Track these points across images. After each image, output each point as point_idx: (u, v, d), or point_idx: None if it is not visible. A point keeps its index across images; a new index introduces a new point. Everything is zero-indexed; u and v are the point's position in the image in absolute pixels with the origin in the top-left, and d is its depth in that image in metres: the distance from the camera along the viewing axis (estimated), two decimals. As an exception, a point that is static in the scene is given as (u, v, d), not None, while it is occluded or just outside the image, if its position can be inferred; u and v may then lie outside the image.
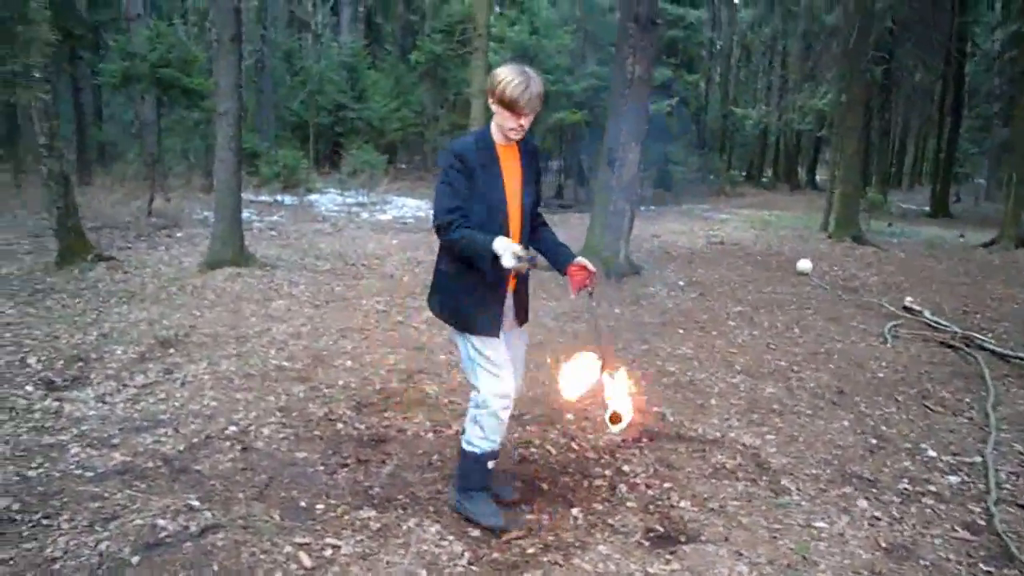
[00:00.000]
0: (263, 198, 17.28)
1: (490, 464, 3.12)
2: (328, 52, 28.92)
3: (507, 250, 2.73)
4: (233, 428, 3.99)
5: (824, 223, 16.58)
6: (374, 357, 5.38)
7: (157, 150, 14.68)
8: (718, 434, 4.24)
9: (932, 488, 3.71)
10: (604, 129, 8.95)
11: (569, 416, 4.42)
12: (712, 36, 32.88)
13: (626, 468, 3.75)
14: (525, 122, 2.90)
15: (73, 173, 18.66)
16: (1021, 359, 5.95)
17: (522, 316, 3.21)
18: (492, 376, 2.99)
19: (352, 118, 26.13)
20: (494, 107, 2.91)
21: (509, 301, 3.12)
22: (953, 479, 3.84)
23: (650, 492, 3.49)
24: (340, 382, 4.82)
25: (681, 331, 6.65)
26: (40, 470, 3.41)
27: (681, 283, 9.08)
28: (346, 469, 3.58)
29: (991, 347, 6.28)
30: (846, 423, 4.54)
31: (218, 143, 7.94)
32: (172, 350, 5.33)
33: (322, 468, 3.58)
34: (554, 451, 3.92)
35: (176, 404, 4.30)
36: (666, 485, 3.57)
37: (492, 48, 18.88)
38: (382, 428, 4.10)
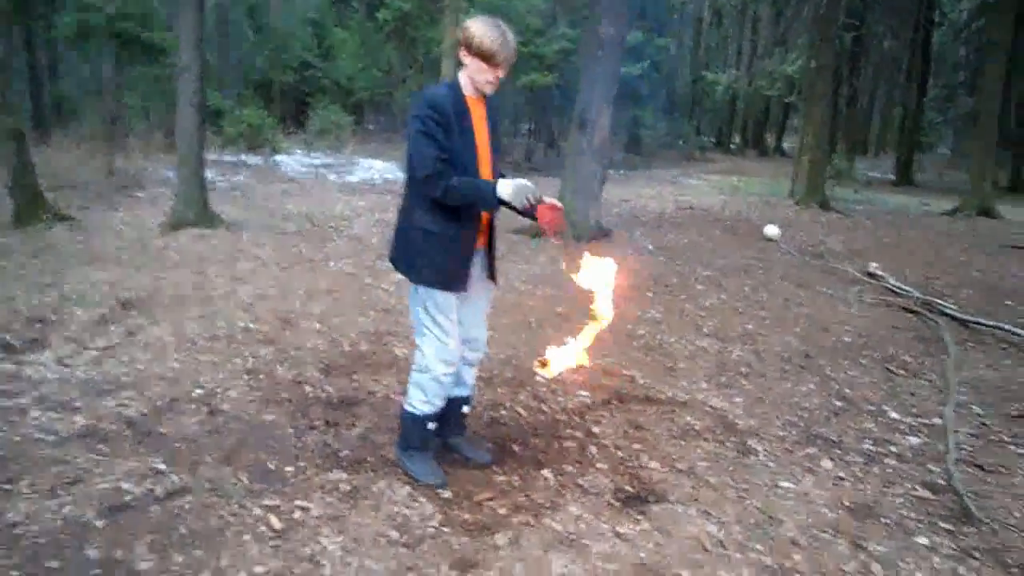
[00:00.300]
0: (227, 158, 16.91)
1: (430, 425, 3.12)
2: (293, 8, 28.18)
3: (520, 191, 2.72)
4: (199, 391, 3.92)
5: (791, 190, 16.72)
6: (342, 320, 5.32)
7: (116, 108, 14.21)
8: (687, 396, 4.28)
9: (894, 449, 3.79)
10: (575, 92, 8.86)
11: (538, 378, 4.42)
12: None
13: (596, 430, 3.77)
14: (501, 74, 2.84)
15: (29, 131, 18.10)
16: (980, 324, 6.08)
17: (492, 272, 3.17)
18: (439, 342, 2.96)
19: (318, 77, 25.62)
20: (468, 59, 2.83)
21: (479, 257, 3.08)
22: (914, 440, 3.92)
23: (620, 453, 3.52)
24: (308, 344, 4.76)
25: (650, 294, 6.68)
26: (-1, 434, 3.33)
27: (650, 247, 9.10)
28: (315, 431, 3.55)
29: (951, 312, 6.41)
30: (812, 386, 4.61)
31: (180, 99, 7.70)
32: (134, 312, 5.21)
33: (291, 431, 3.54)
34: (524, 413, 3.92)
35: (139, 367, 4.21)
36: (635, 447, 3.60)
37: (462, 10, 18.54)
38: (351, 391, 4.06)
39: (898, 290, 7.33)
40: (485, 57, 2.77)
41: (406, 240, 2.98)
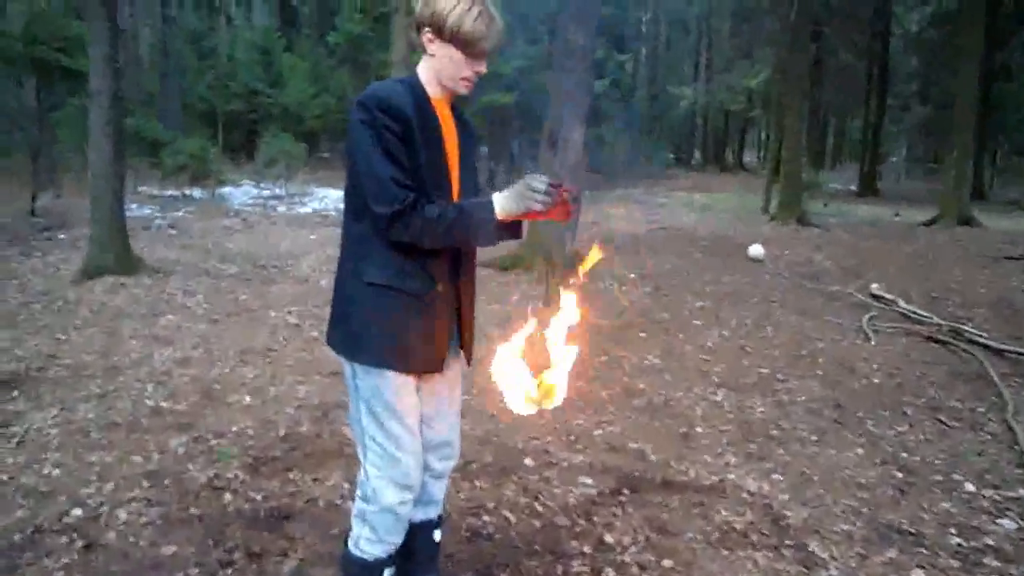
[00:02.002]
0: (169, 192, 15.80)
1: (386, 573, 2.13)
2: (240, 34, 27.16)
3: (526, 194, 1.86)
4: (77, 511, 2.92)
5: (765, 205, 16.14)
6: (280, 389, 4.35)
7: (39, 141, 13.02)
8: (715, 477, 3.40)
9: (989, 542, 2.95)
10: (537, 110, 8.06)
11: (528, 461, 3.51)
12: (640, 15, 32.34)
13: (609, 538, 2.86)
14: (482, 68, 1.96)
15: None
16: (1020, 354, 5.34)
17: (468, 346, 2.22)
18: (389, 457, 2.03)
19: (268, 104, 24.53)
20: (436, 48, 1.94)
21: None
22: (1007, 524, 3.09)
23: (647, 578, 2.61)
24: (234, 428, 3.78)
25: (643, 334, 5.82)
26: None
27: (631, 275, 8.28)
28: (231, 570, 2.58)
29: (983, 341, 5.66)
30: (860, 450, 3.77)
31: (91, 128, 6.67)
32: (16, 392, 4.17)
33: (196, 572, 2.56)
34: (513, 518, 3.00)
35: (3, 476, 3.19)
36: (666, 564, 2.69)
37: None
38: (285, 497, 3.10)
39: (912, 315, 6.59)
40: (465, 43, 1.89)
41: (347, 303, 2.02)
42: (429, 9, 1.91)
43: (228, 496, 3.09)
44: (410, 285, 1.95)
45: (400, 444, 2.02)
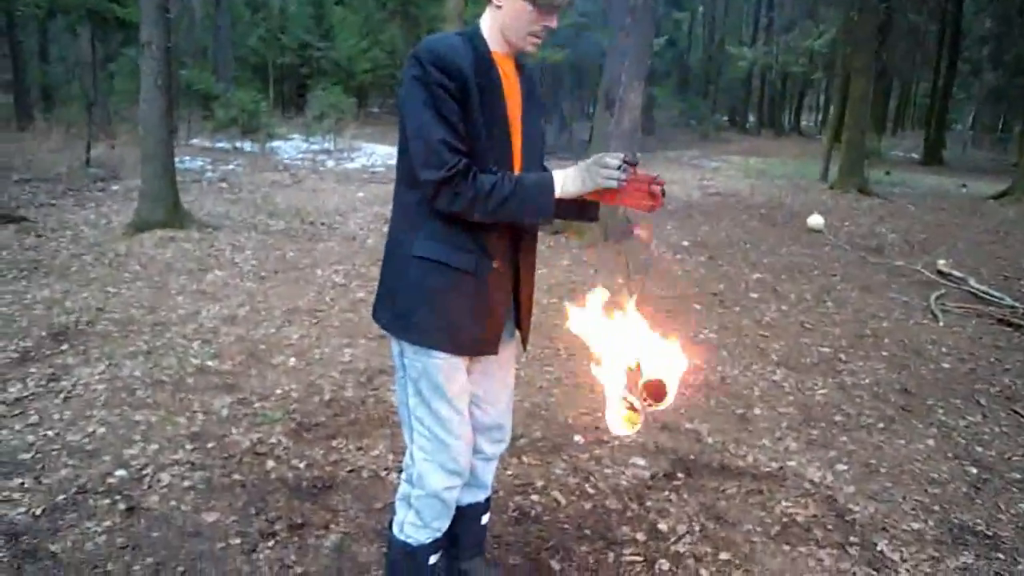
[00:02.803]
0: (220, 144, 15.89)
1: (432, 559, 2.01)
2: (292, -14, 26.99)
3: (601, 170, 1.69)
4: (120, 472, 2.89)
5: (824, 172, 15.56)
6: (325, 351, 4.28)
7: (95, 91, 13.13)
8: (774, 464, 3.23)
9: (1074, 548, 2.74)
10: (589, 70, 7.76)
11: (577, 438, 3.38)
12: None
13: (662, 526, 2.72)
14: (554, 23, 1.76)
15: (11, 118, 17.07)
16: (1103, 342, 5.00)
17: (528, 326, 2.05)
18: (437, 441, 1.90)
19: (318, 58, 24.47)
20: (505, 0, 1.74)
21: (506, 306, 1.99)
22: (1094, 530, 2.87)
23: (703, 571, 2.47)
24: (278, 390, 3.72)
25: (698, 307, 5.61)
26: None
27: (685, 243, 8.03)
28: (273, 542, 2.51)
29: (1063, 326, 5.32)
30: (930, 441, 3.54)
31: (143, 80, 6.62)
32: (65, 346, 4.17)
33: (238, 541, 2.50)
34: (563, 499, 2.87)
35: (49, 432, 3.18)
36: (723, 556, 2.55)
37: (467, -20, 17.35)
38: (328, 466, 3.02)
39: (984, 295, 6.24)
40: None
41: (396, 278, 1.86)
42: None
43: (271, 463, 3.03)
44: (464, 261, 1.80)
45: (449, 427, 1.89)
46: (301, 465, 3.02)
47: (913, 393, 4.13)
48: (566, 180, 1.73)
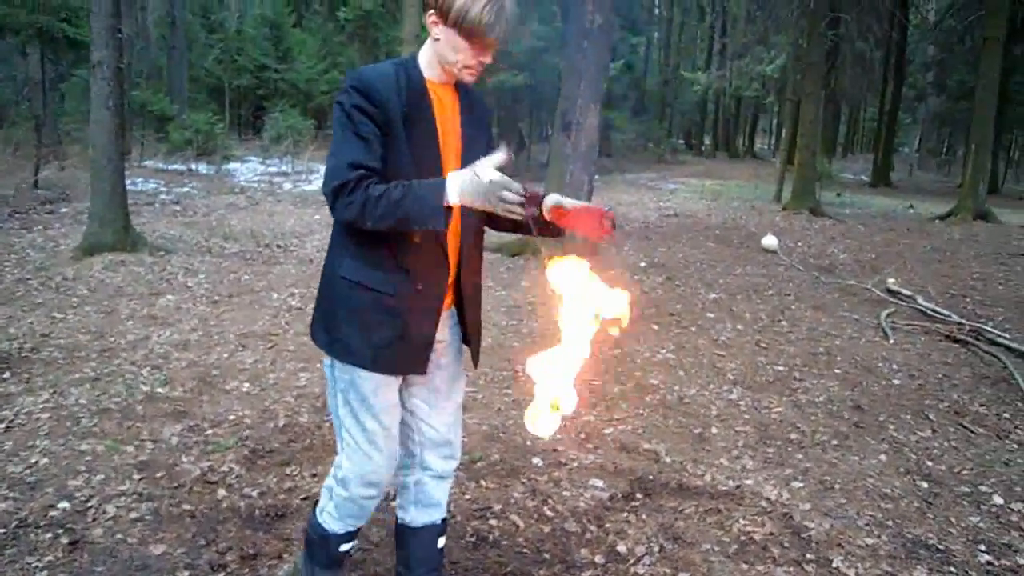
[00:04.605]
0: (175, 166, 15.66)
1: (343, 547, 2.12)
2: (249, 8, 26.84)
3: (487, 188, 1.66)
4: (64, 504, 2.78)
5: (777, 193, 15.91)
6: (280, 376, 4.20)
7: (44, 112, 12.85)
8: (732, 483, 3.25)
9: (1021, 560, 2.79)
10: (547, 92, 7.85)
11: (536, 460, 3.36)
12: (654, -3, 31.93)
13: (622, 547, 2.71)
14: (488, 58, 1.81)
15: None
16: (1045, 357, 5.16)
17: (477, 341, 2.11)
18: (362, 453, 1.97)
19: (276, 80, 24.30)
20: (440, 31, 1.78)
21: (449, 324, 2.04)
22: (1040, 542, 2.93)
23: (662, 593, 2.47)
24: (231, 417, 3.64)
25: (655, 327, 5.65)
26: None
27: (643, 264, 8.11)
28: (223, 573, 2.44)
29: (1006, 342, 5.48)
30: (883, 457, 3.60)
31: (93, 101, 6.49)
32: (7, 373, 4.03)
33: (186, 574, 2.42)
34: (521, 523, 2.85)
35: (-12, 464, 3.06)
36: (682, 577, 2.55)
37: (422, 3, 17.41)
38: (282, 494, 2.96)
39: (932, 312, 6.40)
40: (471, 32, 1.74)
41: (325, 297, 1.96)
42: None
43: (222, 491, 2.95)
44: (383, 283, 1.85)
45: (373, 441, 1.96)
46: (254, 493, 2.95)
47: (865, 410, 4.21)
48: (464, 189, 1.69)
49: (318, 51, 26.22)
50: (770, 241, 9.61)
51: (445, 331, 2.02)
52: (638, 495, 3.11)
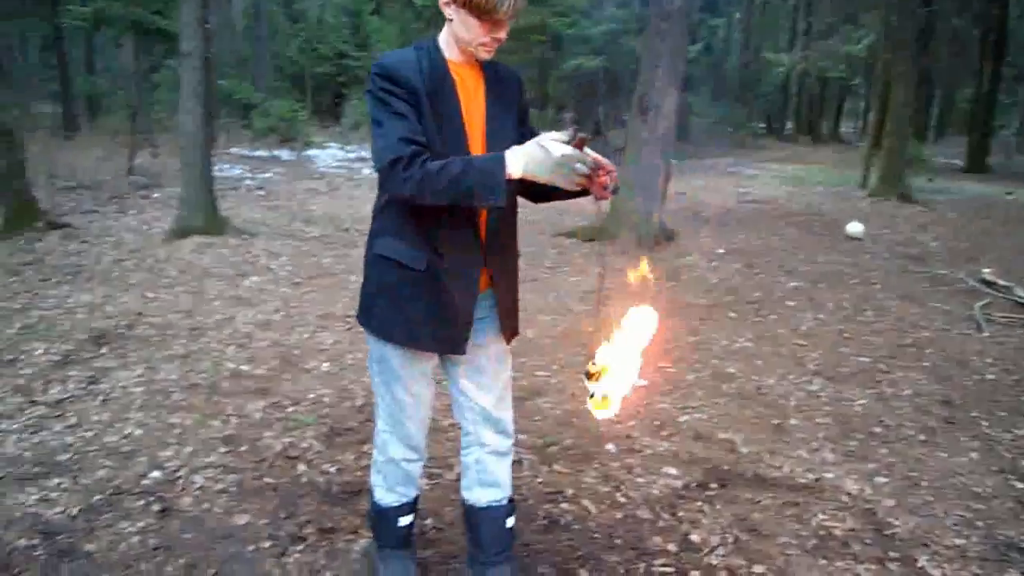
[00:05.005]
0: (259, 153, 16.17)
1: (402, 520, 2.22)
2: (329, -3, 27.37)
3: (561, 162, 1.68)
4: (155, 474, 2.93)
5: (863, 179, 15.28)
6: (357, 357, 4.30)
7: (139, 101, 13.44)
8: (811, 476, 3.16)
9: None
10: (624, 76, 7.74)
11: (609, 446, 3.34)
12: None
13: (695, 537, 2.67)
14: (502, 34, 1.83)
15: (57, 127, 17.52)
16: None
17: (509, 327, 2.10)
18: (394, 420, 2.11)
19: (354, 67, 24.70)
20: (452, 11, 1.82)
21: (486, 305, 2.05)
22: None
23: (736, 584, 2.42)
24: (311, 395, 3.75)
25: (733, 314, 5.53)
26: None
27: (720, 251, 7.93)
28: (303, 545, 2.52)
29: (1115, 337, 5.13)
30: (974, 455, 3.44)
31: (182, 90, 6.76)
32: (105, 349, 4.26)
33: (268, 545, 2.52)
34: (593, 508, 2.84)
35: (87, 434, 3.24)
36: (757, 570, 2.49)
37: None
38: (359, 471, 3.03)
39: (1031, 305, 6.05)
40: (480, 10, 1.76)
41: (365, 272, 2.05)
42: None
43: (302, 467, 3.05)
44: (413, 259, 1.90)
45: (404, 409, 2.07)
46: (332, 470, 3.03)
47: (956, 405, 4.02)
48: (531, 165, 1.70)
49: (396, 38, 26.52)
50: (855, 228, 9.25)
51: (482, 310, 2.04)
52: (712, 485, 3.05)
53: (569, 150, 1.69)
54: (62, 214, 8.00)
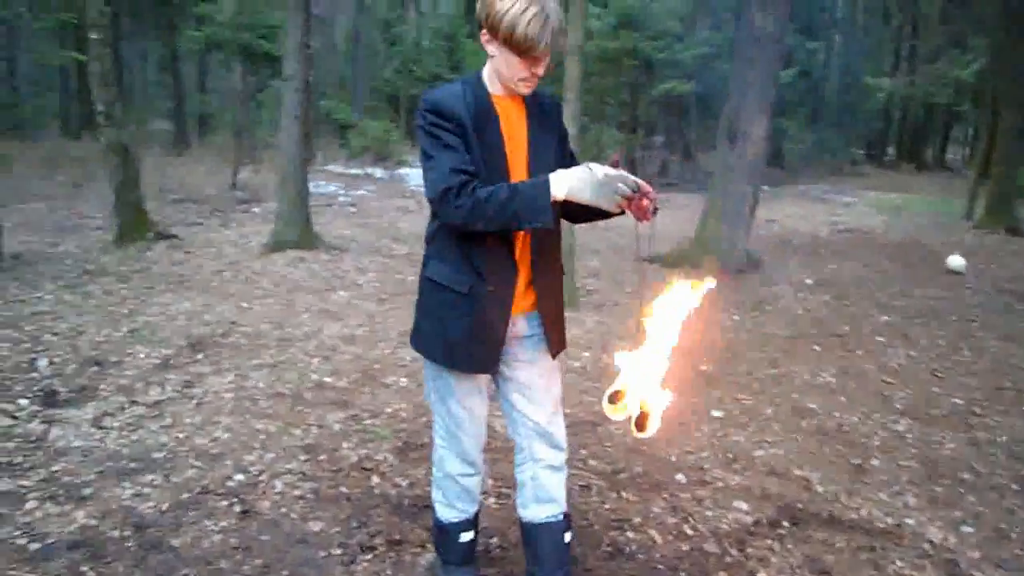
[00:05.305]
0: (354, 171, 16.75)
1: (463, 536, 2.31)
2: (426, 22, 28.19)
3: (603, 184, 1.79)
4: (239, 477, 3.09)
5: (968, 210, 14.56)
6: (435, 374, 4.40)
7: (244, 119, 14.19)
8: (890, 520, 3.04)
9: None
10: (716, 100, 7.66)
11: (680, 477, 3.31)
12: None
13: (762, 575, 2.62)
14: (541, 70, 1.91)
15: (169, 143, 18.66)
16: None
17: (555, 342, 2.17)
18: (450, 435, 2.22)
19: (448, 89, 25.31)
20: (494, 48, 1.91)
21: (529, 323, 2.12)
22: None
23: (803, 627, 2.36)
24: (388, 409, 3.87)
25: (817, 348, 5.38)
26: (-24, 536, 2.60)
27: (809, 281, 7.72)
28: (371, 555, 2.61)
29: None
30: (1074, 509, 3.23)
31: (283, 111, 7.14)
32: (201, 355, 4.52)
33: (339, 552, 2.62)
34: (659, 538, 2.82)
35: (180, 435, 3.45)
36: (826, 614, 2.43)
37: (593, 13, 17.53)
38: (428, 486, 3.09)
39: None
40: (517, 47, 1.84)
41: (418, 295, 2.17)
42: (485, 9, 1.88)
43: (376, 479, 3.15)
44: (457, 281, 2.00)
45: (460, 424, 2.17)
46: (404, 483, 3.12)
47: (1057, 454, 3.79)
48: (574, 187, 1.81)
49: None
50: (956, 261, 8.82)
51: (528, 327, 2.12)
52: (784, 522, 2.98)
53: (612, 171, 1.79)
54: (170, 225, 8.51)
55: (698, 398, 4.23)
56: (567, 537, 2.26)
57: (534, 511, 2.22)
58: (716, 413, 4.06)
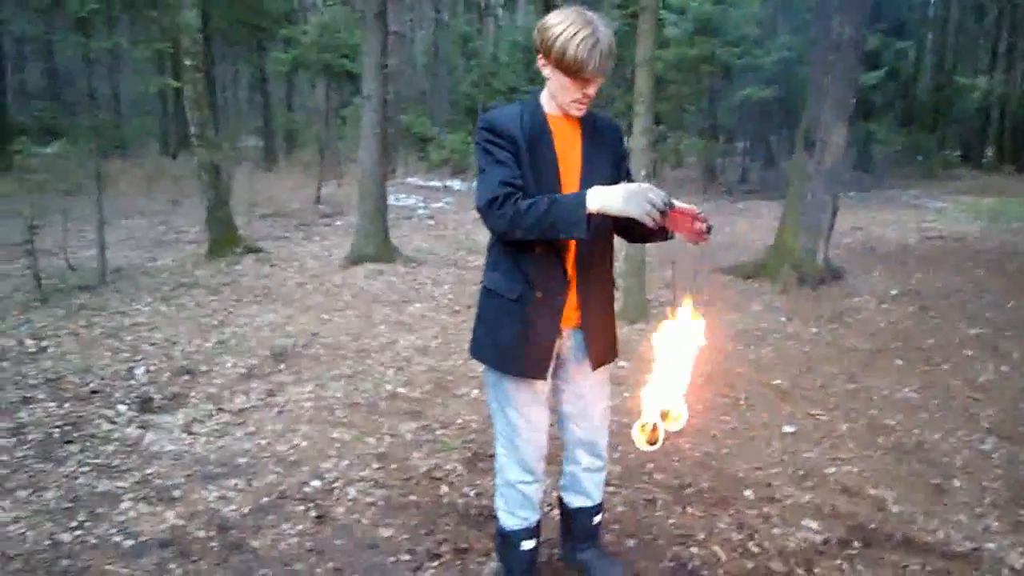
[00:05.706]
0: (433, 183, 17.12)
1: (525, 545, 2.39)
2: (504, 35, 28.51)
3: (634, 196, 1.84)
4: (315, 483, 3.24)
5: (1074, 215, 13.71)
6: (505, 386, 4.49)
7: (326, 136, 14.72)
8: (969, 544, 2.93)
9: None
10: (797, 106, 7.50)
11: (747, 493, 3.28)
12: (928, -4, 29.02)
13: (830, 595, 2.58)
14: (592, 91, 2.01)
15: (259, 159, 19.49)
16: None
17: (601, 352, 2.26)
18: (510, 443, 2.30)
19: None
20: (548, 71, 2.02)
21: (576, 337, 2.23)
22: None
23: (870, 650, 2.32)
24: (459, 420, 3.97)
25: (899, 362, 5.20)
26: (78, 532, 2.82)
27: (894, 292, 7.45)
28: (438, 563, 2.70)
29: None
30: None
31: (362, 128, 7.40)
32: (283, 365, 4.74)
33: (407, 558, 2.72)
34: (724, 555, 2.81)
35: (262, 441, 3.64)
36: (895, 638, 2.37)
37: (670, 21, 17.38)
38: (494, 496, 3.18)
39: None
40: (567, 69, 1.95)
41: (478, 304, 2.33)
42: (540, 35, 1.99)
43: (445, 488, 3.25)
44: (509, 290, 2.12)
45: (519, 432, 2.24)
46: (471, 493, 3.21)
47: None
48: (607, 198, 1.88)
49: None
50: (1057, 271, 8.35)
51: (575, 341, 2.22)
52: (855, 543, 2.92)
53: (646, 184, 1.87)
54: (257, 240, 8.91)
55: (769, 413, 4.17)
56: (596, 519, 2.54)
57: (571, 498, 2.49)
58: (788, 428, 3.99)
